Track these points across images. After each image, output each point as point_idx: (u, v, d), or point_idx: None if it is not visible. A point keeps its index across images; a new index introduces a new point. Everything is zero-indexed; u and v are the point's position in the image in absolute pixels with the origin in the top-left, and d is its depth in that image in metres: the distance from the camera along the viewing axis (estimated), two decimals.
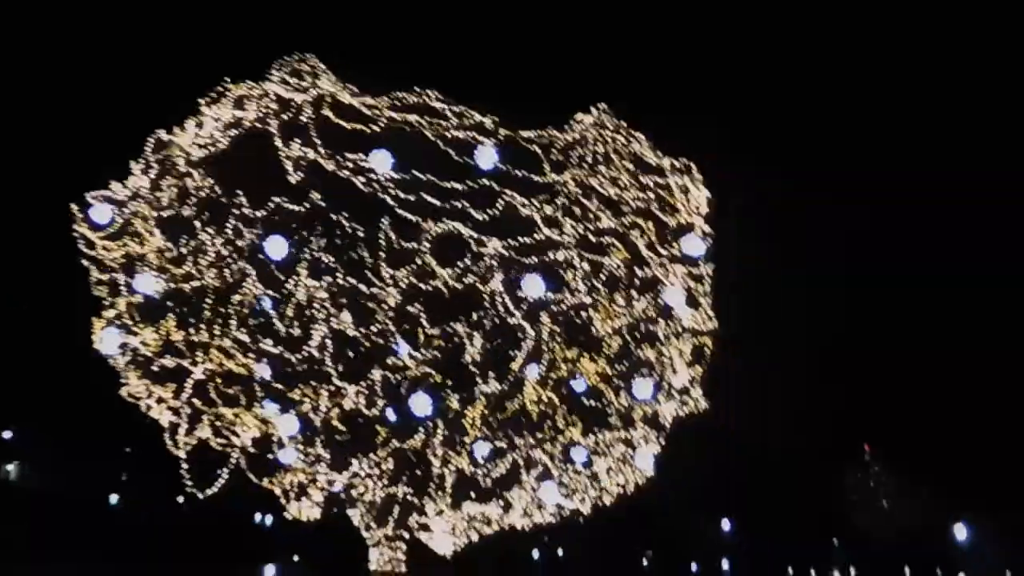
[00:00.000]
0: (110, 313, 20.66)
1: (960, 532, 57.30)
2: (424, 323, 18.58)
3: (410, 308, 18.53)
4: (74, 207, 20.73)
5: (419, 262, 18.48)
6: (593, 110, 21.33)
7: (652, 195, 20.78)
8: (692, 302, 22.81)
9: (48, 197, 22.25)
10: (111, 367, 21.31)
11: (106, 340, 21.18)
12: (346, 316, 18.34)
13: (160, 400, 21.64)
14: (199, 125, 20.61)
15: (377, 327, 18.82)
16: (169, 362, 20.88)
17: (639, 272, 20.52)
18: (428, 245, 18.58)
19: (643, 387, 21.74)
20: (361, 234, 18.64)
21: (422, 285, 18.42)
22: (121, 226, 20.49)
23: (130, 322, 20.22)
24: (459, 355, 19.24)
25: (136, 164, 20.55)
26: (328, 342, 19.04)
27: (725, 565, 72.67)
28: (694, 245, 21.34)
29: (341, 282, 18.49)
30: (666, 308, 21.55)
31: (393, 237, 18.71)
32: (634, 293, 20.75)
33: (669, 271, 21.12)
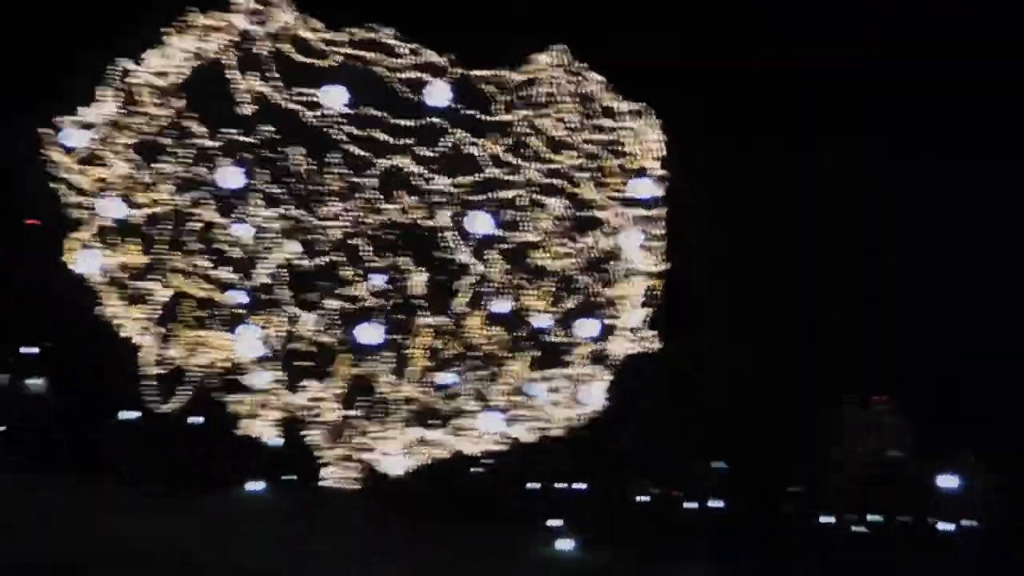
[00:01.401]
0: (83, 235, 21.55)
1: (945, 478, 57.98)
2: (369, 256, 19.19)
3: (354, 241, 19.14)
4: (44, 131, 21.47)
5: (365, 196, 19.05)
6: (551, 51, 21.56)
7: (604, 137, 21.13)
8: (645, 243, 23.38)
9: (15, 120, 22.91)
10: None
11: (84, 260, 22.10)
12: (295, 246, 19.06)
13: (135, 319, 22.64)
14: (165, 55, 21.16)
15: (326, 259, 19.51)
16: (142, 284, 21.81)
17: (587, 213, 20.95)
18: (375, 180, 19.12)
19: (589, 325, 22.43)
20: (311, 167, 19.18)
21: (368, 219, 19.03)
22: (90, 151, 21.25)
23: (100, 244, 21.09)
24: (404, 288, 19.92)
25: (102, 91, 21.17)
26: (281, 271, 19.79)
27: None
28: (646, 187, 21.76)
29: (290, 213, 19.12)
30: (616, 249, 22.09)
31: (342, 171, 19.24)
32: (580, 234, 21.20)
33: (619, 213, 21.59)
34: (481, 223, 20.27)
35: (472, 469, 25.58)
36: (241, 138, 19.33)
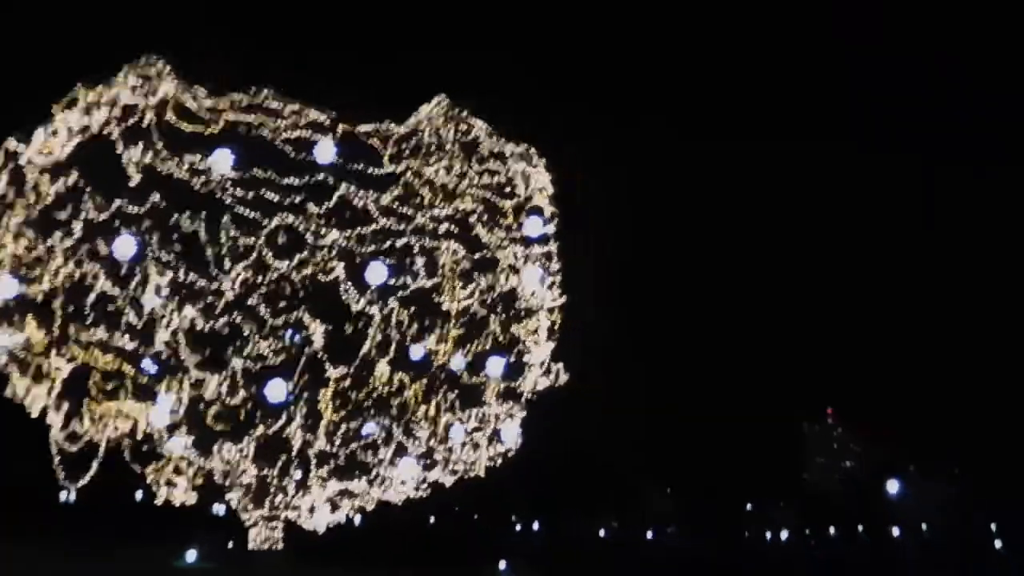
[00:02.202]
0: None
1: (892, 487, 59.23)
2: (265, 314, 19.46)
3: (250, 301, 19.41)
4: None
5: (255, 256, 19.36)
6: (432, 101, 22.21)
7: (491, 180, 21.73)
8: (543, 279, 23.96)
9: None
10: None
11: None
12: (189, 310, 19.27)
13: (41, 396, 22.58)
14: (53, 132, 21.40)
15: (224, 319, 19.73)
16: (44, 360, 21.79)
17: (478, 255, 21.46)
18: (264, 239, 19.46)
19: (495, 364, 22.86)
20: (201, 232, 19.48)
21: (259, 278, 19.32)
22: None
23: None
24: (306, 342, 20.18)
25: None
26: (180, 335, 19.96)
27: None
28: (534, 226, 22.36)
29: (182, 278, 19.35)
30: (516, 287, 22.61)
31: (232, 233, 19.55)
32: (476, 275, 21.69)
33: (512, 252, 22.14)
34: (376, 272, 20.66)
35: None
36: (131, 208, 19.49)
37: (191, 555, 26.57)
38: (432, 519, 45.91)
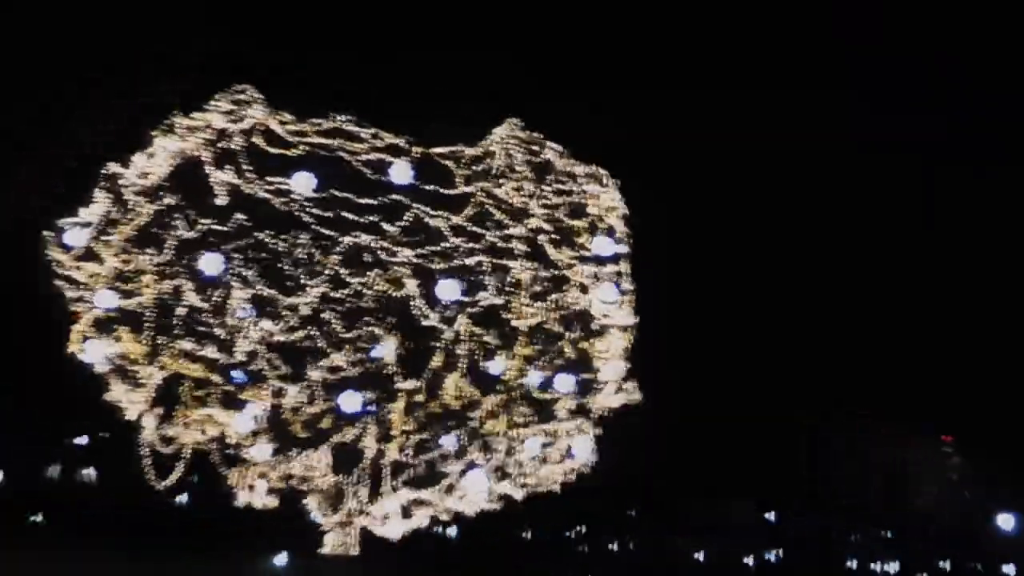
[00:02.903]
0: (83, 326, 23.18)
1: (1007, 522, 56.41)
2: (339, 328, 20.42)
3: (325, 315, 20.40)
4: (47, 232, 23.31)
5: (330, 272, 20.36)
6: (506, 124, 22.89)
7: (561, 200, 22.25)
8: (616, 298, 24.29)
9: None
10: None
11: (90, 350, 23.70)
12: (267, 323, 20.37)
13: (136, 403, 24.11)
14: (151, 156, 22.96)
15: (301, 332, 20.78)
16: (139, 369, 23.31)
17: (546, 273, 21.97)
18: (339, 257, 20.45)
19: (564, 381, 23.27)
20: (281, 249, 20.60)
21: (334, 293, 20.30)
22: (86, 248, 23.01)
23: (95, 334, 22.69)
24: (375, 356, 21.06)
25: (97, 192, 22.99)
26: (259, 347, 21.11)
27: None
28: (604, 245, 22.73)
29: (263, 293, 20.48)
30: (587, 305, 23.03)
31: (310, 251, 20.62)
32: (546, 293, 22.20)
33: (581, 271, 22.57)
34: (447, 289, 21.37)
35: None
36: (217, 227, 20.76)
37: (281, 558, 27.69)
38: (528, 534, 46.19)
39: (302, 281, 20.89)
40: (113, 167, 22.52)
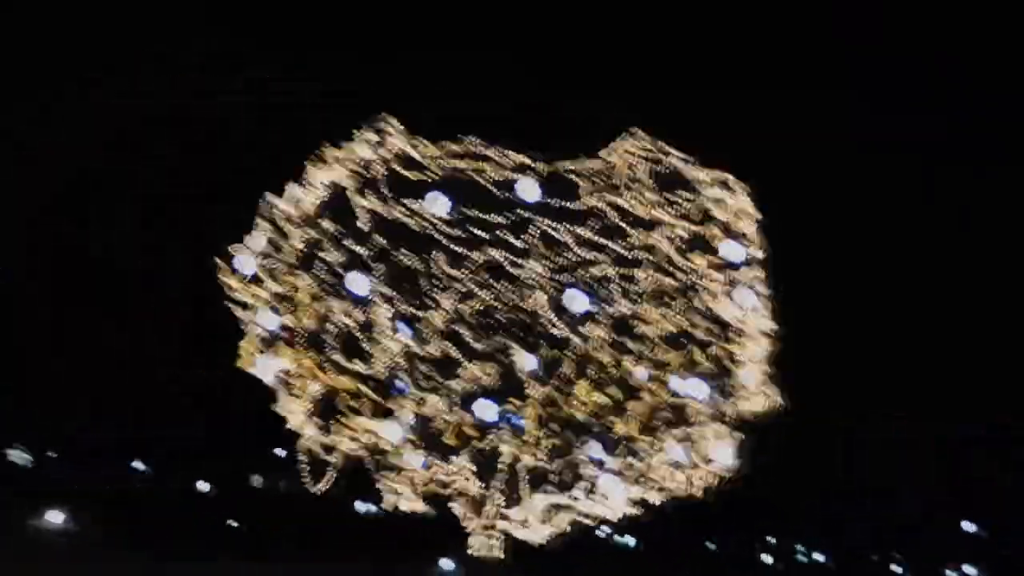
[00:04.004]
0: (250, 344, 25.56)
1: None
2: (471, 340, 21.67)
3: (458, 328, 21.69)
4: (218, 259, 25.86)
5: (461, 287, 21.65)
6: (628, 134, 23.52)
7: (687, 208, 22.61)
8: (754, 304, 24.30)
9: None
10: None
11: (262, 368, 26.06)
12: (402, 337, 21.88)
13: (299, 413, 26.27)
14: (305, 185, 25.11)
15: (436, 346, 22.18)
16: (299, 381, 25.45)
17: (675, 281, 22.37)
18: (469, 272, 21.70)
19: (697, 387, 23.49)
20: (417, 267, 22.12)
21: (463, 307, 21.57)
22: (252, 273, 25.41)
23: (260, 351, 24.98)
24: (510, 366, 22.16)
25: (259, 221, 25.35)
26: (399, 360, 22.67)
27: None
28: (733, 251, 22.85)
29: (401, 309, 22.03)
30: (713, 314, 23.23)
31: (443, 268, 22.02)
32: (674, 301, 22.59)
33: (710, 277, 22.80)
34: (575, 300, 22.15)
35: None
36: (359, 249, 22.51)
37: (447, 563, 29.12)
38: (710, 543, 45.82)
39: (437, 297, 22.15)
40: (271, 197, 24.74)
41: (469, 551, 25.44)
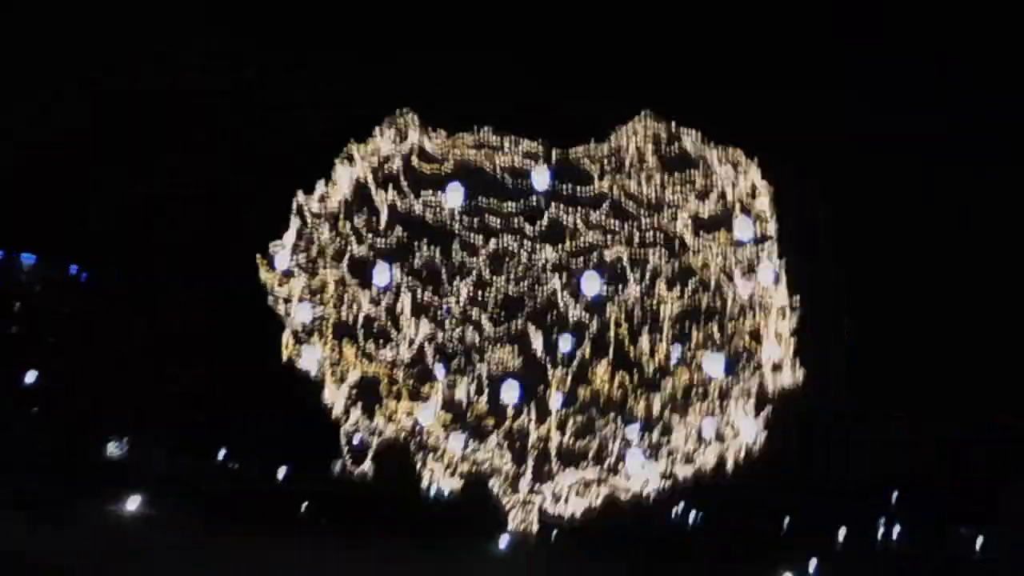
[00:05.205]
0: (288, 336, 26.87)
1: None
2: (485, 324, 22.52)
3: (473, 315, 22.56)
4: (259, 257, 27.19)
5: (476, 275, 22.50)
6: (639, 117, 23.91)
7: (695, 187, 22.96)
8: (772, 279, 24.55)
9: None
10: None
11: (306, 357, 27.36)
12: (424, 325, 22.87)
13: (341, 398, 27.48)
14: (332, 183, 26.20)
15: (456, 332, 23.10)
16: (337, 370, 26.67)
17: (688, 260, 22.79)
18: (483, 260, 22.53)
19: (714, 363, 23.90)
20: (436, 257, 23.05)
21: (480, 293, 22.42)
22: (288, 268, 26.69)
23: (296, 341, 26.25)
24: (527, 348, 22.96)
25: (293, 219, 26.57)
26: (425, 346, 23.67)
27: None
28: (743, 228, 23.11)
29: (421, 298, 22.99)
30: (726, 290, 23.55)
31: (460, 257, 22.90)
32: (688, 279, 23.03)
33: (722, 254, 23.13)
34: (590, 283, 22.77)
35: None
36: (379, 242, 23.53)
37: (504, 540, 30.07)
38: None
39: (455, 285, 23.03)
40: (300, 196, 25.93)
41: (509, 526, 26.38)
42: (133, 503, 26.56)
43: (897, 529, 39.67)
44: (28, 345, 40.14)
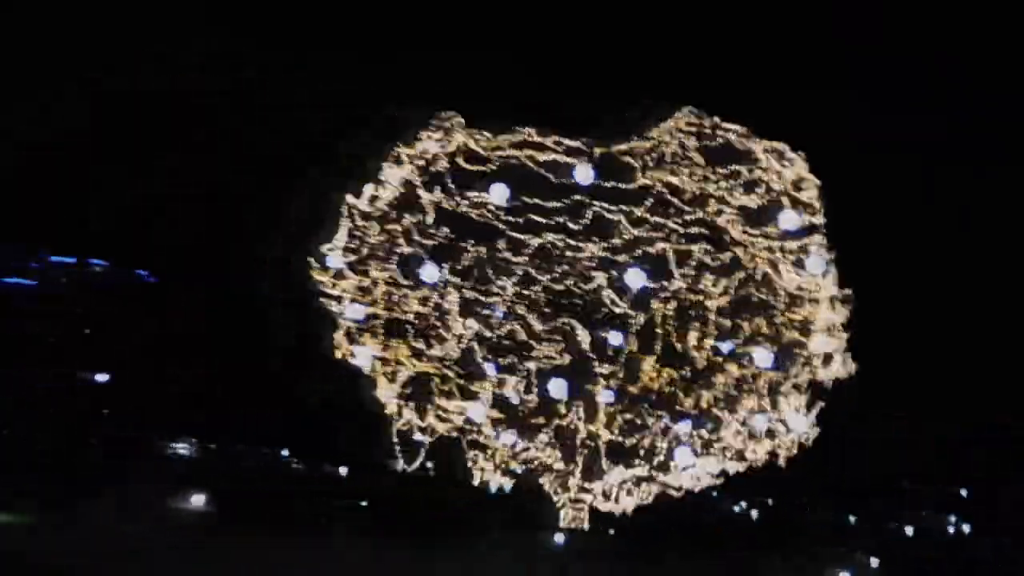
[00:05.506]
0: (340, 335, 27.33)
1: None
2: (532, 321, 22.66)
3: (520, 311, 22.73)
4: (311, 259, 27.73)
5: (521, 272, 22.68)
6: (680, 112, 23.85)
7: (738, 181, 22.82)
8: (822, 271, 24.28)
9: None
10: None
11: (360, 356, 27.84)
12: (471, 323, 23.11)
13: (393, 396, 27.88)
14: (380, 184, 26.62)
15: (503, 329, 23.30)
16: (388, 368, 27.08)
17: (732, 253, 22.66)
18: (527, 258, 22.70)
19: (762, 356, 23.70)
20: (482, 254, 23.29)
21: (525, 291, 22.58)
22: (338, 269, 27.17)
23: (356, 340, 26.66)
24: (574, 345, 23.05)
25: (342, 220, 27.03)
26: (474, 344, 23.91)
27: None
28: (790, 220, 22.89)
29: (468, 295, 23.25)
30: (773, 283, 23.35)
31: (506, 255, 23.11)
32: (733, 272, 22.90)
33: (768, 247, 22.95)
34: (634, 278, 22.78)
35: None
36: (427, 241, 23.85)
37: (559, 537, 30.19)
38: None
39: (500, 282, 23.23)
40: (350, 198, 26.37)
41: (560, 523, 26.44)
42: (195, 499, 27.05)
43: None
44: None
